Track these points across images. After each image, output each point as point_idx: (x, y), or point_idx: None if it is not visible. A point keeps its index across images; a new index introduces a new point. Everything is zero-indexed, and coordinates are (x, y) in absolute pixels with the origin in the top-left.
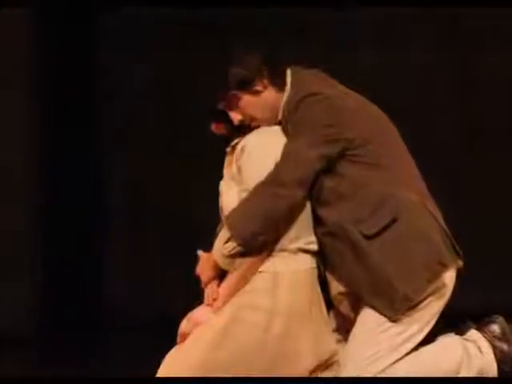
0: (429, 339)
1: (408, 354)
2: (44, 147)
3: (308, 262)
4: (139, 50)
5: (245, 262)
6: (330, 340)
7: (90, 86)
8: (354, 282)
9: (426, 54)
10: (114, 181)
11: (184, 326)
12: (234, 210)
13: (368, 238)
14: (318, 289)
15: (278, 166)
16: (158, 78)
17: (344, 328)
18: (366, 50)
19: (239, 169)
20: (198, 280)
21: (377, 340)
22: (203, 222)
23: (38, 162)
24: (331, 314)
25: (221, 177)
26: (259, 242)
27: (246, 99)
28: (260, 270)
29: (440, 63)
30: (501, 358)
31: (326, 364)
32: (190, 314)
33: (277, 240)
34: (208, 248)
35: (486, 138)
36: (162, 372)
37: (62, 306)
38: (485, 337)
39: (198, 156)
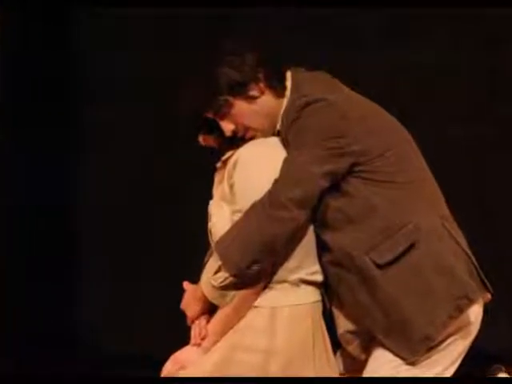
0: None
1: None
2: (13, 150)
3: (311, 295)
4: (121, 50)
5: (238, 295)
6: None
7: (64, 86)
8: (364, 318)
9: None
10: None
11: (168, 368)
12: (226, 235)
13: (381, 267)
14: (323, 326)
15: (276, 184)
16: (140, 79)
17: (353, 371)
18: (368, 51)
19: (231, 187)
20: (183, 315)
21: None
22: (191, 247)
23: (5, 164)
24: (338, 355)
25: (211, 196)
26: (255, 272)
27: (239, 106)
28: (256, 304)
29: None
30: None
31: None
32: (174, 355)
33: (275, 270)
34: (196, 278)
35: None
36: None
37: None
38: None
39: (184, 170)
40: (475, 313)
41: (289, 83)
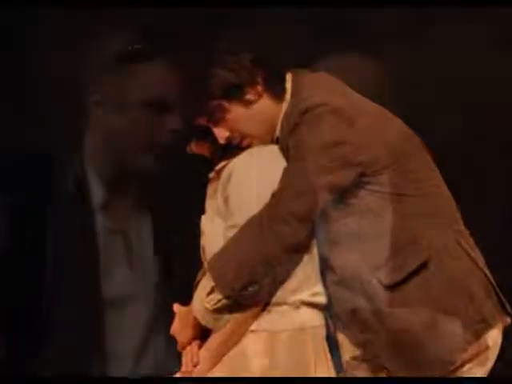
0: None
1: None
2: None
3: (313, 319)
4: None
5: (233, 319)
6: None
7: (64, 85)
8: (371, 343)
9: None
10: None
11: None
12: (220, 253)
13: (389, 288)
14: (326, 352)
15: (275, 197)
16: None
17: None
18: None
19: (225, 200)
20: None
21: None
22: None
23: None
24: None
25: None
26: (251, 293)
27: (235, 111)
28: (252, 328)
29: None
30: None
31: None
32: None
33: (274, 290)
34: (187, 301)
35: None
36: None
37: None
38: None
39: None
40: (493, 337)
41: (289, 86)
